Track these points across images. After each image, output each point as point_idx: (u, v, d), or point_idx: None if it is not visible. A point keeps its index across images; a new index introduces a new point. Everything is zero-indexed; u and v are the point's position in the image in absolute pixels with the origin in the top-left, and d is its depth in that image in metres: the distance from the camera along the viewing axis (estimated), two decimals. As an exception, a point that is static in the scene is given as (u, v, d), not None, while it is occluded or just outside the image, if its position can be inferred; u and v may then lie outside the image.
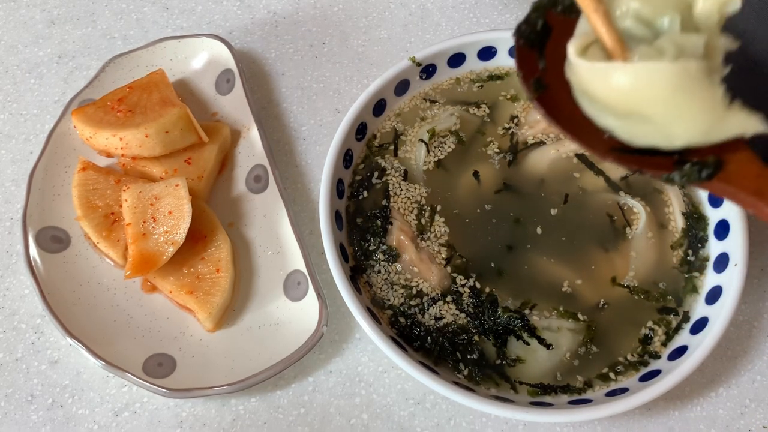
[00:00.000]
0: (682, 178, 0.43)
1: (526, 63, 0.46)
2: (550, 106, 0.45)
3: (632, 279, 0.62)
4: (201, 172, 0.69)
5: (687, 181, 0.43)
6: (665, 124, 0.39)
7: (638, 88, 0.38)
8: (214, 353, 0.63)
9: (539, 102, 0.45)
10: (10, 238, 0.71)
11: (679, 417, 0.62)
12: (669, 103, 0.38)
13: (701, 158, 0.42)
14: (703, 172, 0.42)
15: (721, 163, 0.42)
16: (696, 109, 0.39)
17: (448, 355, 0.60)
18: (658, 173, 0.44)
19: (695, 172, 0.42)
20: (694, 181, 0.43)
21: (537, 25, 0.46)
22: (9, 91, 0.80)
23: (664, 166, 0.44)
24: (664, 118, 0.39)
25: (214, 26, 0.84)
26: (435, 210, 0.66)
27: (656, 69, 0.38)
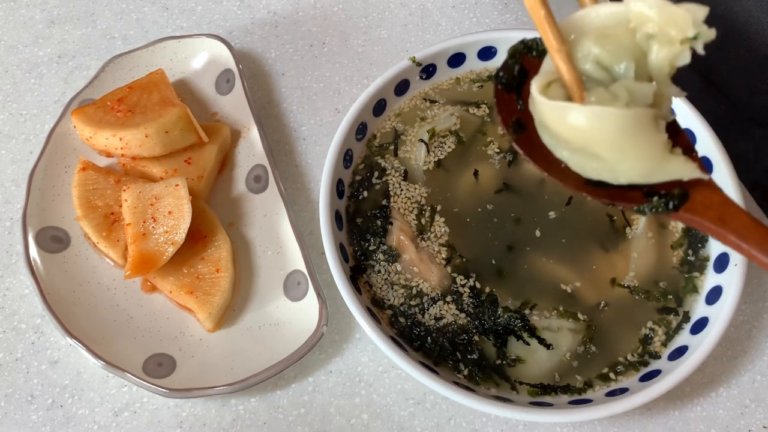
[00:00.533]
0: (651, 210, 0.46)
1: (505, 106, 0.50)
2: (528, 146, 0.48)
3: (633, 279, 0.62)
4: (201, 172, 0.69)
5: (656, 213, 0.46)
6: (612, 162, 0.44)
7: (590, 128, 0.43)
8: (214, 353, 0.63)
9: (518, 143, 0.49)
10: (10, 238, 0.71)
11: (679, 417, 0.61)
12: (616, 145, 0.42)
13: (668, 190, 0.46)
14: (670, 204, 0.45)
15: (687, 195, 0.46)
16: (640, 153, 0.43)
17: (448, 355, 0.60)
18: (629, 206, 0.47)
19: (663, 204, 0.46)
20: (663, 212, 0.46)
21: (514, 71, 0.50)
22: (9, 91, 0.80)
23: (635, 198, 0.47)
24: (611, 157, 0.43)
25: (214, 26, 0.84)
26: (435, 210, 0.66)
27: (607, 114, 0.42)
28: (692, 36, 0.41)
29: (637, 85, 0.43)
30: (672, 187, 0.46)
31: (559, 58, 0.44)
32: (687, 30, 0.41)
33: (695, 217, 0.45)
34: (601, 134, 0.42)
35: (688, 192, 0.46)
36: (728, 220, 0.44)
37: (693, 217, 0.45)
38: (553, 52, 0.44)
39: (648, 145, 0.43)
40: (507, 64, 0.50)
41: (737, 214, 0.44)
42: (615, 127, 0.42)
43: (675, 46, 0.42)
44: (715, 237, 0.45)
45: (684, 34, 0.41)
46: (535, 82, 0.45)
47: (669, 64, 0.43)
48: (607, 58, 0.44)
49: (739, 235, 0.43)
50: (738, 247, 0.44)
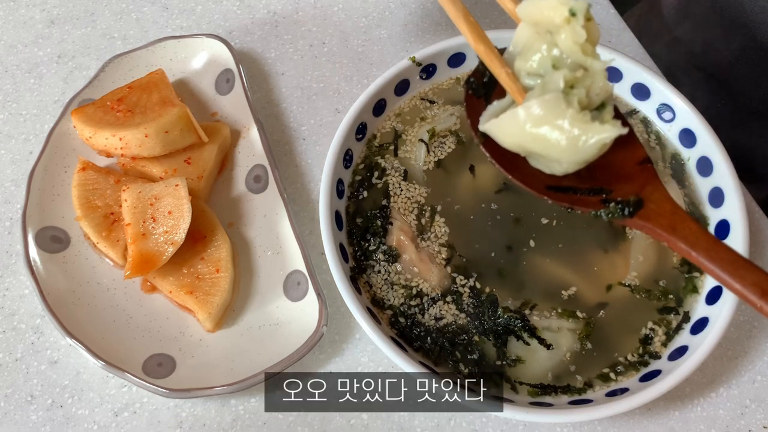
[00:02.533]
0: (607, 215, 0.49)
1: (474, 111, 0.53)
2: (494, 151, 0.51)
3: (633, 278, 0.62)
4: (201, 172, 0.69)
5: (612, 218, 0.49)
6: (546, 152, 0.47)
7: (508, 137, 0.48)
8: (214, 353, 0.63)
9: (485, 147, 0.52)
10: (10, 238, 0.71)
11: (679, 417, 0.61)
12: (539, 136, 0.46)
13: (624, 198, 0.49)
14: (626, 210, 0.48)
15: (642, 202, 0.49)
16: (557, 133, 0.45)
17: (448, 355, 0.60)
18: (587, 210, 0.50)
19: (619, 210, 0.49)
20: (618, 218, 0.49)
21: (484, 77, 0.53)
22: (9, 91, 0.80)
23: (593, 204, 0.50)
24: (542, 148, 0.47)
25: (213, 26, 0.84)
26: (435, 210, 0.66)
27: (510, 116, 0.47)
28: (569, 14, 0.44)
29: (549, 77, 0.47)
30: (629, 195, 0.49)
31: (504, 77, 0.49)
32: (562, 11, 0.45)
33: (648, 224, 0.48)
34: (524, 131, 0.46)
35: (643, 200, 0.49)
36: (678, 228, 0.47)
37: (646, 224, 0.48)
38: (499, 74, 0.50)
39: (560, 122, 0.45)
40: (478, 70, 0.54)
41: (686, 223, 0.47)
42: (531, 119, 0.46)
43: (565, 28, 0.45)
44: (666, 244, 0.47)
45: (562, 16, 0.45)
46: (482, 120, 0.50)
47: (575, 45, 0.45)
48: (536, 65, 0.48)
49: (687, 242, 0.46)
50: (687, 254, 0.46)
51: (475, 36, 0.51)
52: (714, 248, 0.45)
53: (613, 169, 0.51)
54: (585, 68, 0.46)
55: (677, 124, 0.68)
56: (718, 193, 0.64)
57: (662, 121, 0.69)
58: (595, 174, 0.51)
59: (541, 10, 0.46)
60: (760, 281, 0.43)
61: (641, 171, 0.51)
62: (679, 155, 0.68)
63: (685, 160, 0.68)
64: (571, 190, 0.51)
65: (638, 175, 0.51)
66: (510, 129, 0.47)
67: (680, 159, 0.68)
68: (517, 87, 0.49)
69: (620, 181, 0.51)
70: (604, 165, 0.50)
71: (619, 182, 0.51)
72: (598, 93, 0.46)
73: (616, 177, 0.51)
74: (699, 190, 0.66)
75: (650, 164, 0.51)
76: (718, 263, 0.44)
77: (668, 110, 0.68)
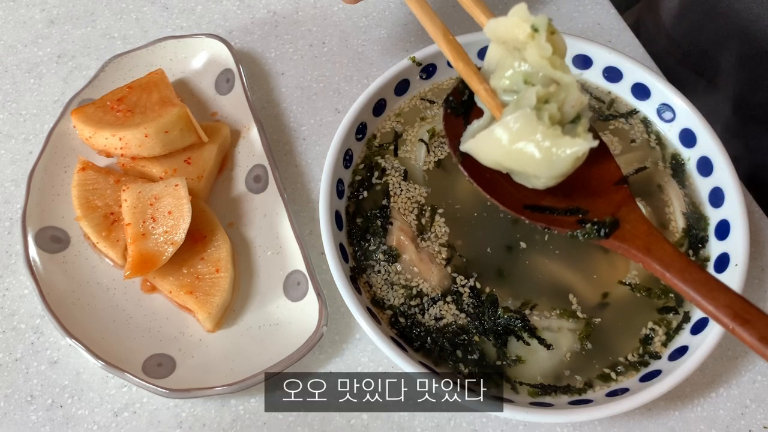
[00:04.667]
0: (584, 236, 0.50)
1: (453, 129, 0.54)
2: (472, 170, 0.52)
3: (633, 277, 0.62)
4: (201, 172, 0.69)
5: (588, 239, 0.50)
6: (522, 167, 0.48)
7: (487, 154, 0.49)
8: (214, 353, 0.63)
9: (463, 166, 0.52)
10: (10, 238, 0.71)
11: (679, 417, 0.61)
12: (513, 152, 0.47)
13: (600, 219, 0.50)
14: (602, 231, 0.49)
15: (617, 223, 0.49)
16: (531, 147, 0.46)
17: (448, 355, 0.60)
18: (563, 230, 0.51)
19: (595, 231, 0.49)
20: (594, 238, 0.49)
21: (464, 95, 0.54)
22: (9, 91, 0.80)
23: (569, 224, 0.51)
24: (519, 167, 0.48)
25: (213, 26, 0.84)
26: (435, 210, 0.66)
27: (487, 134, 0.47)
28: (532, 29, 0.45)
29: (522, 93, 0.48)
30: (605, 216, 0.50)
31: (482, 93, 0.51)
32: (524, 28, 0.45)
33: (624, 244, 0.49)
34: (501, 147, 0.47)
35: (618, 221, 0.50)
36: (653, 249, 0.48)
37: (622, 244, 0.49)
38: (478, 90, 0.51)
39: (534, 137, 0.46)
40: (457, 89, 0.55)
41: (661, 244, 0.48)
42: (506, 136, 0.46)
43: (530, 44, 0.46)
44: (641, 264, 0.48)
45: (525, 32, 0.45)
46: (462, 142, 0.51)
47: (542, 60, 0.46)
48: (509, 82, 0.49)
49: (662, 263, 0.47)
50: (661, 275, 0.47)
51: (454, 54, 0.53)
52: (687, 269, 0.46)
53: (590, 189, 0.52)
54: (557, 82, 0.47)
55: (677, 124, 0.68)
56: (719, 193, 0.64)
57: (662, 121, 0.69)
58: (572, 194, 0.52)
59: (506, 28, 0.47)
60: (732, 303, 0.43)
61: (617, 191, 0.52)
62: (680, 155, 0.68)
63: (685, 160, 0.68)
64: (548, 210, 0.52)
65: (614, 195, 0.52)
66: (488, 147, 0.48)
67: (680, 159, 0.68)
68: (495, 103, 0.50)
69: (597, 201, 0.52)
70: (581, 185, 0.51)
71: (596, 203, 0.51)
72: (573, 105, 0.47)
73: (592, 197, 0.52)
74: (699, 190, 0.66)
75: (626, 185, 0.52)
76: (691, 284, 0.45)
77: (668, 110, 0.68)
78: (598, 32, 0.82)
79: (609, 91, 0.72)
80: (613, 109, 0.71)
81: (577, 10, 0.84)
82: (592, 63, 0.71)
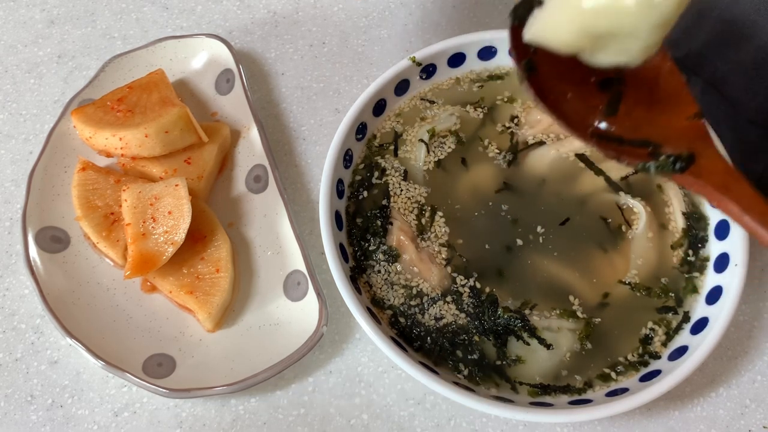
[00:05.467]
0: (657, 168, 0.46)
1: (519, 44, 0.48)
2: (538, 89, 0.48)
3: (633, 276, 0.62)
4: (201, 172, 0.69)
5: (661, 171, 0.46)
6: (615, 28, 0.40)
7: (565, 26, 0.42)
8: (214, 353, 0.63)
9: (529, 83, 0.48)
10: (10, 238, 0.71)
11: (679, 417, 0.61)
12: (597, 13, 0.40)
13: (675, 152, 0.46)
14: (677, 164, 0.45)
15: (694, 157, 0.46)
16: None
17: (448, 355, 0.60)
18: (633, 161, 0.47)
19: (670, 163, 0.46)
20: (668, 171, 0.46)
21: (532, 5, 0.47)
22: (9, 91, 0.80)
23: (640, 155, 0.47)
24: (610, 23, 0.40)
25: (213, 26, 0.84)
26: (435, 210, 0.66)
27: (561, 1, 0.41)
28: None
29: None
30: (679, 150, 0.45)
31: None
32: None
33: (699, 180, 0.45)
34: (582, 8, 0.40)
35: (694, 155, 0.45)
36: (732, 188, 0.44)
37: (697, 180, 0.45)
38: None
39: None
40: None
41: (740, 183, 0.44)
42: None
43: None
44: (716, 205, 0.44)
45: None
46: None
47: None
48: None
49: (741, 204, 0.43)
50: (739, 218, 0.43)
51: None
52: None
53: (663, 122, 0.48)
54: None
55: (677, 124, 0.68)
56: (718, 193, 0.64)
57: (662, 121, 0.69)
58: (642, 126, 0.48)
59: None
60: None
61: (692, 126, 0.48)
62: (679, 155, 0.68)
63: (685, 160, 0.68)
64: (616, 140, 0.48)
65: (689, 130, 0.48)
66: (565, 15, 0.41)
67: (680, 159, 0.68)
68: None
69: (669, 135, 0.48)
70: (652, 118, 0.47)
71: (669, 137, 0.47)
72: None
73: (664, 131, 0.48)
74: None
75: (702, 119, 0.48)
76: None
77: (668, 110, 0.68)
78: (598, 32, 0.82)
79: (609, 91, 0.72)
80: (613, 109, 0.71)
81: None
82: (592, 63, 0.71)
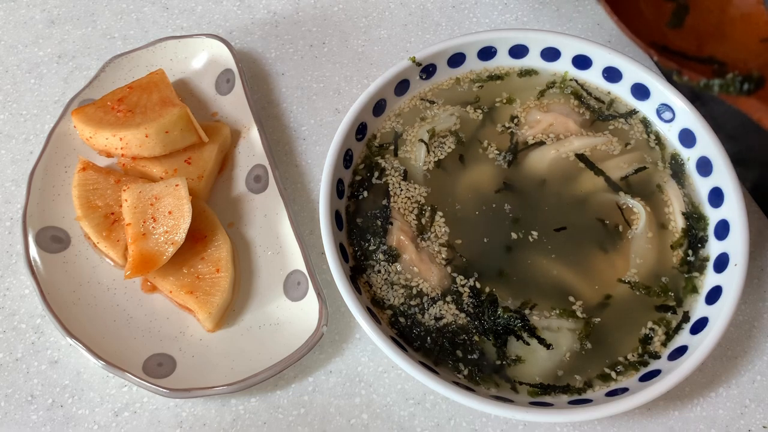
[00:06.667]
0: (721, 87, 0.43)
1: None
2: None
3: (633, 275, 0.62)
4: (201, 172, 0.69)
5: (725, 91, 0.43)
6: None
7: None
8: (214, 353, 0.63)
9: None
10: (10, 238, 0.71)
11: (679, 417, 0.62)
12: None
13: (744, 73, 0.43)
14: (745, 85, 0.43)
15: (763, 81, 0.42)
16: None
17: (448, 355, 0.60)
18: (696, 77, 0.44)
19: (737, 83, 0.43)
20: (733, 92, 0.43)
21: None
22: (9, 91, 0.80)
23: (703, 71, 0.44)
24: None
25: (214, 26, 0.84)
26: (435, 210, 0.66)
27: None
28: None
29: None
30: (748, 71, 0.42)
31: None
32: None
33: (765, 106, 0.42)
34: None
35: (765, 79, 0.43)
36: None
37: (763, 106, 0.42)
38: None
39: None
40: None
41: None
42: None
43: None
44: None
45: None
46: None
47: None
48: None
49: None
50: None
51: None
52: None
53: (732, 41, 0.45)
54: None
55: (677, 124, 0.68)
56: (718, 193, 0.64)
57: (662, 121, 0.70)
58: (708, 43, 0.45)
59: None
60: None
61: (765, 49, 0.45)
62: (679, 155, 0.68)
63: (684, 160, 0.68)
64: (678, 54, 0.45)
65: (761, 53, 0.45)
66: None
67: (680, 159, 0.68)
68: None
69: (738, 56, 0.45)
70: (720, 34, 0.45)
71: (737, 58, 0.45)
72: None
73: (733, 51, 0.45)
74: (699, 190, 0.67)
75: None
76: None
77: (668, 110, 0.69)
78: (598, 32, 0.82)
79: (608, 91, 0.72)
80: (613, 110, 0.71)
81: (577, 11, 0.84)
82: (592, 63, 0.71)
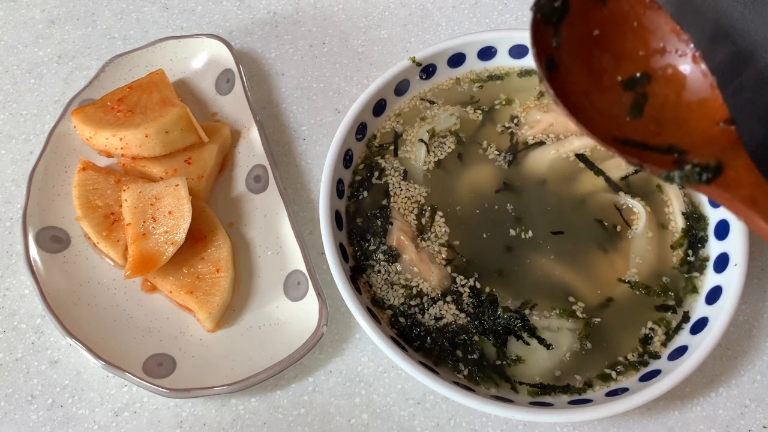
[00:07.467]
0: (681, 178, 0.44)
1: (540, 39, 0.47)
2: (559, 89, 0.46)
3: (633, 275, 0.62)
4: (201, 172, 0.69)
5: (686, 182, 0.44)
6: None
7: None
8: (214, 353, 0.63)
9: (549, 83, 0.46)
10: (10, 238, 0.71)
11: (679, 417, 0.61)
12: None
13: (702, 161, 0.43)
14: (704, 175, 0.43)
15: (721, 168, 0.43)
16: None
17: (448, 355, 0.60)
18: (657, 170, 0.44)
19: (695, 174, 0.43)
20: (693, 182, 0.43)
21: (556, 1, 0.46)
22: (9, 91, 0.80)
23: (664, 163, 0.44)
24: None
25: (214, 26, 0.84)
26: (435, 210, 0.66)
27: None
28: None
29: None
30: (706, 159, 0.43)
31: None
32: None
33: (726, 193, 0.43)
34: None
35: (722, 165, 0.43)
36: (760, 202, 0.42)
37: (724, 193, 0.43)
38: None
39: None
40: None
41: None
42: None
43: None
44: (742, 218, 0.42)
45: None
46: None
47: None
48: None
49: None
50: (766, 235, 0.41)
51: None
52: None
53: (690, 126, 0.45)
54: None
55: (677, 124, 0.68)
56: (718, 193, 0.64)
57: (662, 121, 0.70)
58: (667, 130, 0.45)
59: None
60: None
61: (722, 133, 0.45)
62: (679, 155, 0.68)
63: (684, 160, 0.68)
64: (640, 145, 0.45)
65: (718, 137, 0.45)
66: None
67: (680, 159, 0.68)
68: None
69: (697, 141, 0.45)
70: (678, 121, 0.45)
71: (696, 143, 0.45)
72: None
73: (691, 136, 0.45)
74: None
75: (733, 126, 0.45)
76: None
77: (668, 110, 0.68)
78: (598, 32, 0.82)
79: (609, 91, 0.72)
80: (613, 110, 0.71)
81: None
82: (592, 63, 0.71)
